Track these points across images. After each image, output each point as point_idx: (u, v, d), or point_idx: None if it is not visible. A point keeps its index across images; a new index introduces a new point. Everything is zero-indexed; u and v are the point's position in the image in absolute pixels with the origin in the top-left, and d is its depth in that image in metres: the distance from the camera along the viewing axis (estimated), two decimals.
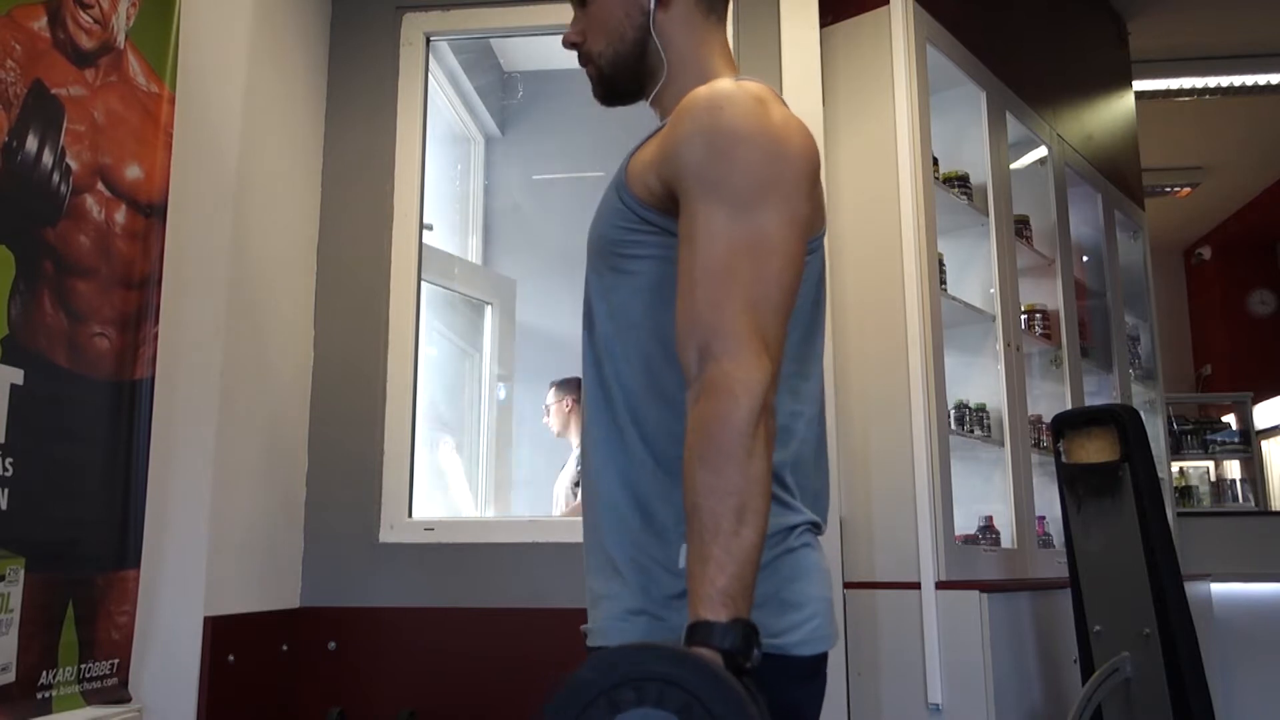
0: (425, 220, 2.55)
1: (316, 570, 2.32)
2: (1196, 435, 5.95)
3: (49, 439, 1.61)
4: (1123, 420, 2.51)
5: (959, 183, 2.96)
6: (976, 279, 3.07)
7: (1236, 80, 4.88)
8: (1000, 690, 2.39)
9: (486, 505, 3.25)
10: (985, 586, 2.45)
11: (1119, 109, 4.34)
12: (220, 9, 2.11)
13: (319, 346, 2.42)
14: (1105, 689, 2.44)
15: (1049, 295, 3.45)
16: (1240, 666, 4.14)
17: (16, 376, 1.54)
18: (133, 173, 1.81)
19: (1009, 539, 2.91)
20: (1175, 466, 5.57)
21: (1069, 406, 3.26)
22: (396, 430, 2.38)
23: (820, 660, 1.03)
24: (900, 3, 2.69)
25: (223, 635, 1.94)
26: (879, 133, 2.70)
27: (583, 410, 1.14)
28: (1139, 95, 4.59)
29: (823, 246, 1.11)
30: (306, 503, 2.35)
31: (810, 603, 1.01)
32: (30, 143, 1.58)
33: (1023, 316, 3.23)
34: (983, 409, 2.98)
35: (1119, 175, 4.16)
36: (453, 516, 3.01)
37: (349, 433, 2.37)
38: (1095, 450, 2.55)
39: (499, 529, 2.45)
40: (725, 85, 1.03)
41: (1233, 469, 6.09)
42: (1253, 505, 5.74)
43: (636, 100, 1.22)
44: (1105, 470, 2.51)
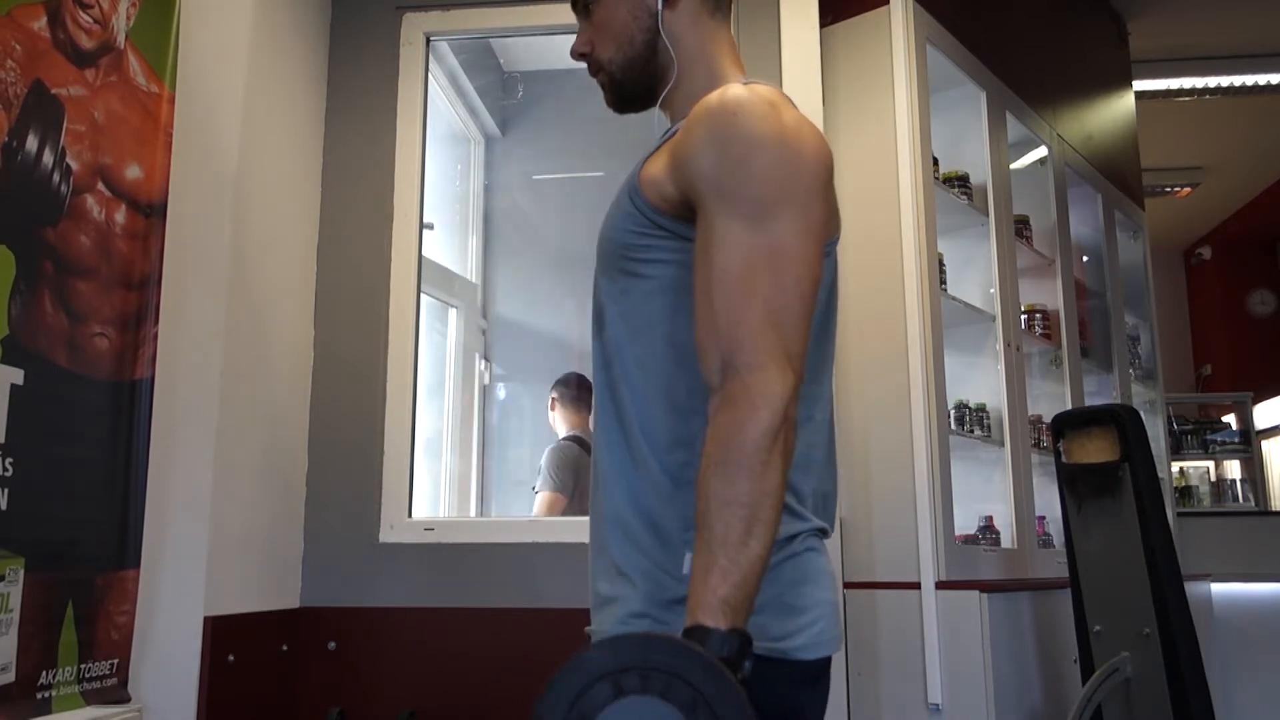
0: (425, 220, 2.55)
1: (316, 570, 2.32)
2: (1196, 435, 5.94)
3: (49, 439, 1.61)
4: (1123, 420, 2.51)
5: (959, 183, 2.96)
6: (976, 279, 3.07)
7: (1236, 80, 4.87)
8: (1000, 690, 2.39)
9: (451, 505, 3.21)
10: (985, 586, 2.45)
11: (1119, 109, 4.34)
12: (220, 9, 2.11)
13: (319, 346, 2.42)
14: (1105, 689, 2.44)
15: (1049, 295, 3.45)
16: (1240, 666, 4.14)
17: (16, 376, 1.54)
18: (133, 173, 1.81)
19: (1009, 539, 2.91)
20: (1175, 466, 5.57)
21: (1069, 406, 3.26)
22: (396, 430, 2.38)
23: (824, 664, 1.02)
24: (900, 3, 2.69)
25: (223, 635, 1.94)
26: (879, 133, 2.70)
27: (593, 413, 1.14)
28: (1139, 95, 4.59)
29: (835, 250, 1.10)
30: (306, 503, 2.35)
31: (814, 606, 1.01)
32: (30, 143, 1.58)
33: (1023, 316, 3.23)
34: (983, 409, 2.98)
35: (1119, 175, 4.16)
36: (453, 516, 3.01)
37: (349, 433, 2.38)
38: (1095, 450, 2.55)
39: (499, 529, 2.45)
40: (737, 91, 1.01)
41: (1233, 469, 6.09)
42: (1253, 505, 5.74)
43: (649, 105, 1.21)
44: (1105, 470, 2.51)
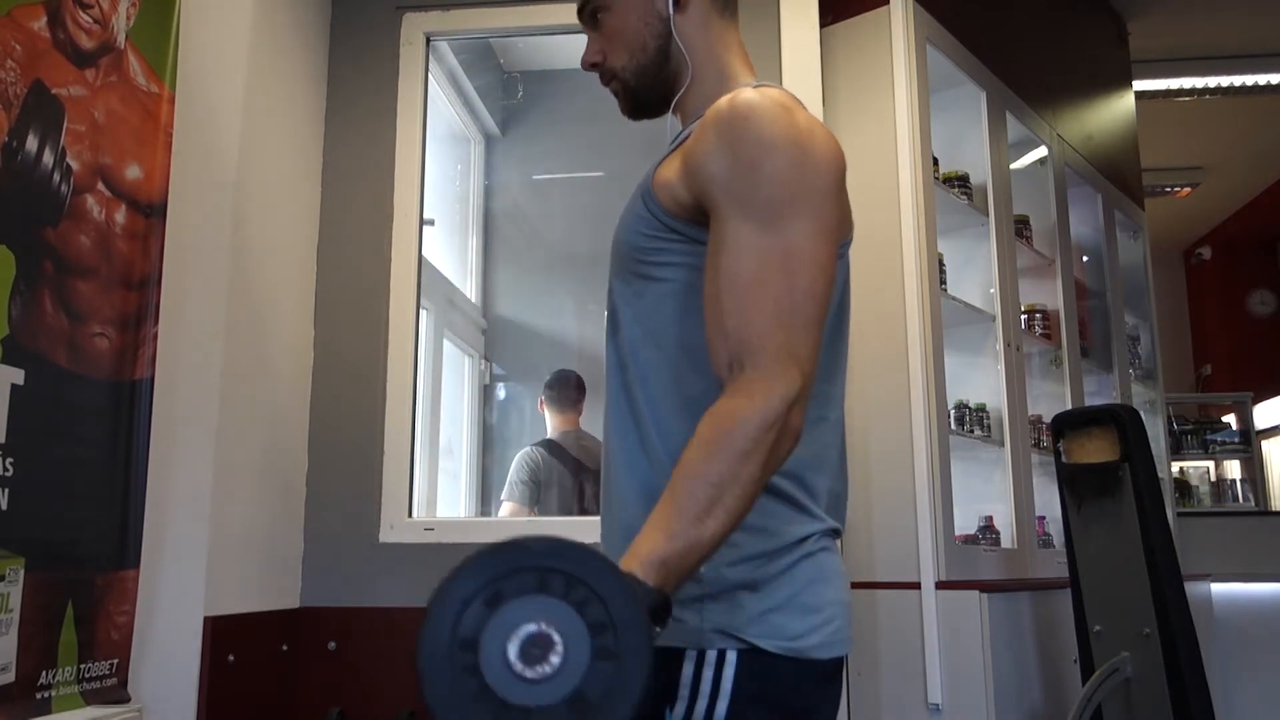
0: (425, 216, 2.55)
1: (316, 570, 2.32)
2: (1196, 435, 5.94)
3: (49, 439, 1.61)
4: (1123, 420, 2.51)
5: (959, 183, 2.96)
6: (976, 279, 3.07)
7: (1236, 80, 4.87)
8: (1000, 690, 2.39)
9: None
10: (985, 586, 2.45)
11: (1119, 109, 4.34)
12: (220, 9, 2.11)
13: (319, 346, 2.42)
14: (1105, 689, 2.44)
15: (1049, 295, 3.45)
16: (1240, 666, 4.14)
17: (17, 376, 1.54)
18: (133, 173, 1.81)
19: (1009, 539, 2.91)
20: (1175, 466, 5.57)
21: (1069, 406, 3.26)
22: (396, 430, 2.38)
23: (839, 663, 1.03)
24: (900, 3, 2.69)
25: (223, 635, 1.94)
26: (879, 133, 2.69)
27: (605, 414, 1.14)
28: (1139, 95, 4.59)
29: (848, 252, 1.10)
30: (306, 503, 2.35)
31: (829, 606, 1.01)
32: (30, 143, 1.58)
33: (1023, 316, 3.23)
34: (983, 409, 2.98)
35: (1119, 175, 4.16)
36: (453, 517, 3.01)
37: (349, 432, 2.37)
38: (1095, 450, 2.55)
39: (499, 529, 2.45)
40: (749, 94, 1.01)
41: (1233, 469, 6.09)
42: (1253, 505, 5.74)
43: (664, 112, 1.20)
44: (1105, 470, 2.51)
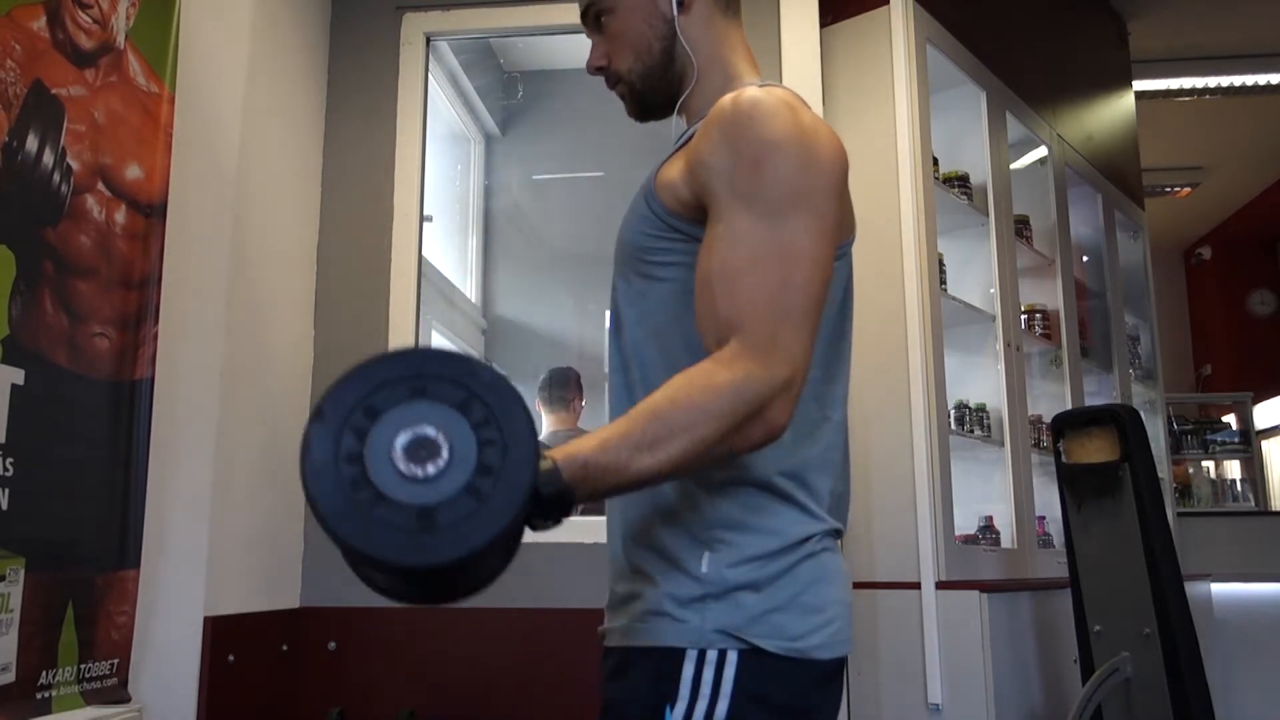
0: (425, 213, 2.55)
1: (316, 570, 2.32)
2: (1196, 435, 5.94)
3: (49, 439, 1.61)
4: (1123, 420, 2.51)
5: (959, 183, 2.96)
6: (976, 279, 3.07)
7: (1236, 80, 4.87)
8: (1000, 690, 2.39)
9: None
10: (985, 586, 2.45)
11: (1119, 109, 4.34)
12: (220, 9, 2.11)
13: (319, 346, 2.42)
14: (1105, 689, 2.43)
15: (1049, 295, 3.45)
16: (1240, 666, 4.14)
17: (17, 376, 1.54)
18: (133, 173, 1.81)
19: (1009, 539, 2.91)
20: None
21: (1069, 406, 3.26)
22: None
23: (840, 664, 1.03)
24: (900, 3, 2.69)
25: (223, 635, 1.94)
26: (879, 133, 2.69)
27: (608, 414, 1.14)
28: (1139, 95, 4.59)
29: (850, 252, 1.10)
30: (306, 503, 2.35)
31: (831, 606, 1.01)
32: (30, 143, 1.58)
33: (1023, 316, 3.23)
34: (983, 409, 2.98)
35: (1119, 175, 4.16)
36: None
37: None
38: (1095, 450, 2.55)
39: None
40: (753, 93, 1.00)
41: (1233, 469, 6.09)
42: (1253, 505, 5.74)
43: (669, 113, 1.19)
44: (1105, 470, 2.51)
